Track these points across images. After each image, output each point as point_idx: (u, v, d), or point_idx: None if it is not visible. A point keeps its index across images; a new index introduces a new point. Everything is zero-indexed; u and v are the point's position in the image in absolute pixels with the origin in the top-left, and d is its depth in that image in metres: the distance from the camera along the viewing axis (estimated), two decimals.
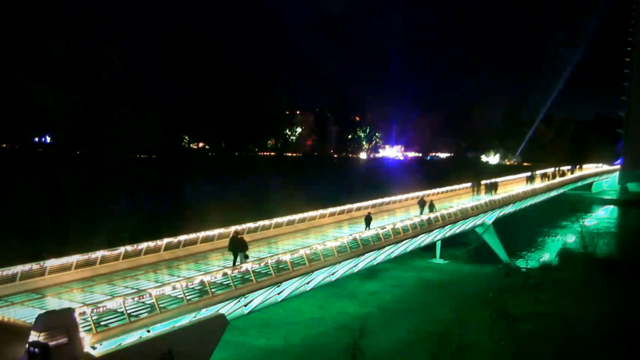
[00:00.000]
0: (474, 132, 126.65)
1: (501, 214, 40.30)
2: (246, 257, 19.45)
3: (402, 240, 26.20)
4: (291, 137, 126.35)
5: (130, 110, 38.38)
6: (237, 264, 18.95)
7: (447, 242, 37.59)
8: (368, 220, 27.56)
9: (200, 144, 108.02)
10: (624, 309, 24.97)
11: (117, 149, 38.41)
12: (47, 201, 36.63)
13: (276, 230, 26.32)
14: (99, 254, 18.71)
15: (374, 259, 24.79)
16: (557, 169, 64.87)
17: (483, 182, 46.17)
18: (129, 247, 19.61)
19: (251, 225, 25.13)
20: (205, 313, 15.33)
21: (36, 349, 11.29)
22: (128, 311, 13.37)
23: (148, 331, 13.67)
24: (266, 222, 25.96)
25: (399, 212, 35.88)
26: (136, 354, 13.11)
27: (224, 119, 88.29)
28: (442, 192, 44.05)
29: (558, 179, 60.71)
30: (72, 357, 11.76)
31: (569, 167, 73.26)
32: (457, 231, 34.60)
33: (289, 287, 19.27)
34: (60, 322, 11.90)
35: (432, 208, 32.19)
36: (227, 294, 16.05)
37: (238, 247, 19.57)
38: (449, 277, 34.10)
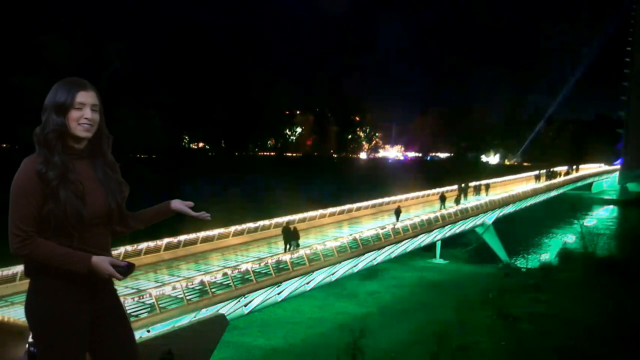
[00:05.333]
0: (474, 132, 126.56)
1: (501, 214, 40.30)
2: (297, 245, 22.02)
3: (402, 240, 26.22)
4: (291, 137, 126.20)
5: (130, 110, 38.41)
6: (289, 250, 21.65)
7: (447, 242, 37.59)
8: (398, 213, 30.47)
9: (200, 144, 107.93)
10: (624, 309, 24.94)
11: (116, 149, 38.39)
12: None
13: (276, 230, 26.31)
14: None
15: (374, 259, 24.80)
16: (548, 170, 63.84)
17: (447, 188, 43.14)
18: (129, 247, 19.61)
19: (251, 225, 25.13)
20: (205, 313, 15.33)
21: (36, 349, 11.28)
22: (128, 311, 13.37)
23: (148, 331, 13.68)
24: (266, 222, 25.97)
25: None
26: None
27: (224, 119, 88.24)
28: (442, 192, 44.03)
29: (559, 179, 60.74)
30: None
31: (567, 167, 73.06)
32: (457, 231, 34.62)
33: (289, 287, 19.28)
34: None
35: (457, 202, 36.17)
36: (227, 294, 16.06)
37: (290, 236, 22.32)
38: (449, 277, 34.08)
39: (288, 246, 22.39)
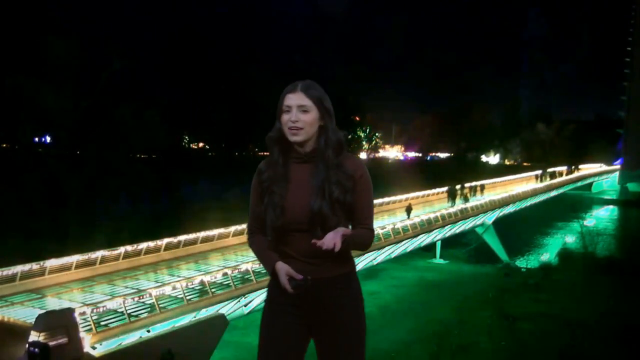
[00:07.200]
0: (474, 132, 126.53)
1: (501, 214, 40.30)
2: None
3: (402, 240, 26.22)
4: None
5: (130, 110, 38.32)
6: None
7: (447, 242, 37.56)
8: (409, 210, 32.16)
9: (201, 144, 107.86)
10: (624, 309, 24.94)
11: (117, 148, 38.38)
12: (47, 201, 36.54)
13: None
14: (99, 254, 18.69)
15: (374, 259, 24.79)
16: (545, 170, 62.85)
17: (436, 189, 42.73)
18: (129, 247, 19.59)
19: None
20: (205, 313, 15.33)
21: (36, 349, 11.29)
22: (128, 311, 13.38)
23: (148, 331, 13.67)
24: None
25: (399, 212, 35.85)
26: (136, 354, 13.11)
27: (224, 119, 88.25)
28: (442, 192, 44.00)
29: (559, 179, 60.77)
30: (72, 357, 11.76)
31: (567, 167, 72.97)
32: (457, 231, 34.62)
33: None
34: (60, 322, 11.90)
35: (466, 200, 37.82)
36: (227, 294, 16.06)
37: None
38: (449, 277, 34.07)
39: None
